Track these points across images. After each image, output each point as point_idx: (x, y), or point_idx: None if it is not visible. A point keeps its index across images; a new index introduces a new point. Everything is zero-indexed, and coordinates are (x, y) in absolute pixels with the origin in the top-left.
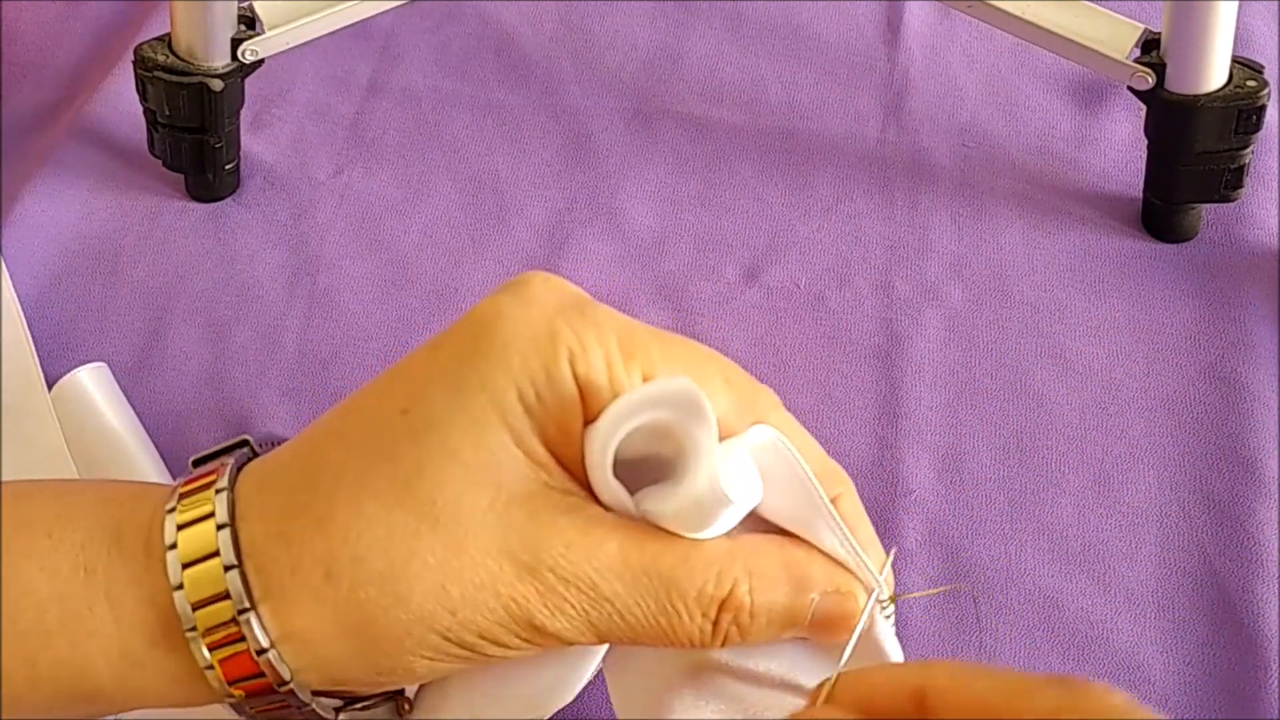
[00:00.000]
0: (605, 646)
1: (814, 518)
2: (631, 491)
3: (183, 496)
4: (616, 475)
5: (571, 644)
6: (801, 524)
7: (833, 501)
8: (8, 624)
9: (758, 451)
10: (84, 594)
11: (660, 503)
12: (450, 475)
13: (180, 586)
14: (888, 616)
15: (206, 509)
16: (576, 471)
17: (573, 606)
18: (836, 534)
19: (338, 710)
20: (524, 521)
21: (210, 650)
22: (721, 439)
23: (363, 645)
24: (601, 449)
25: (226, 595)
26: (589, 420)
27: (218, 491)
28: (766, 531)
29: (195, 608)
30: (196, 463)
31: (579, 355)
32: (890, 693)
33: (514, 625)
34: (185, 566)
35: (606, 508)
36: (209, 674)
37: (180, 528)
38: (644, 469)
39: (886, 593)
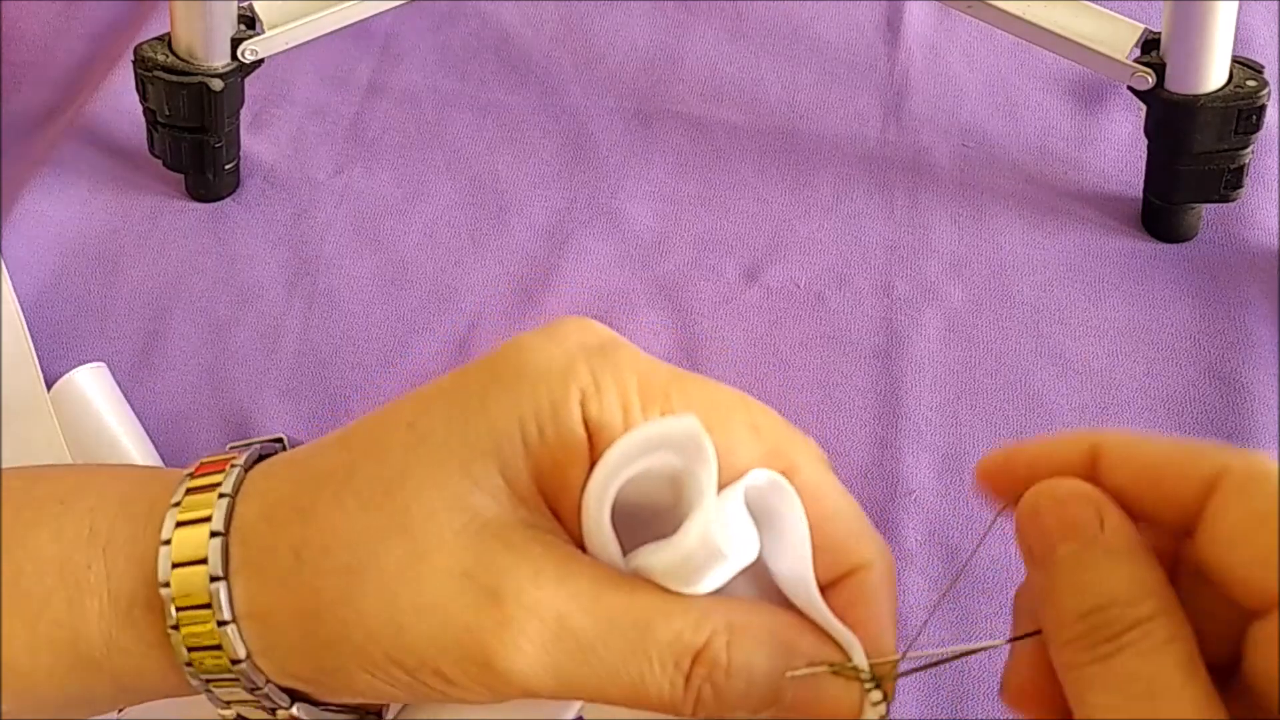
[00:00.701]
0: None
1: (804, 572)
2: (625, 552)
3: (202, 467)
4: (614, 529)
5: (527, 690)
6: (793, 576)
7: (856, 571)
8: (11, 585)
9: (760, 493)
10: (85, 553)
11: (650, 556)
12: (430, 490)
13: (168, 543)
14: (876, 705)
15: (217, 479)
16: (566, 516)
17: (532, 641)
18: (813, 598)
19: (293, 700)
20: (495, 548)
21: (178, 611)
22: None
23: (310, 638)
24: (599, 495)
25: (205, 561)
26: (595, 463)
27: (232, 466)
28: (758, 592)
29: (174, 566)
30: (232, 448)
31: (591, 396)
32: (1064, 453)
33: (463, 657)
34: (178, 526)
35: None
36: (173, 636)
37: (189, 492)
38: (642, 526)
39: (866, 669)
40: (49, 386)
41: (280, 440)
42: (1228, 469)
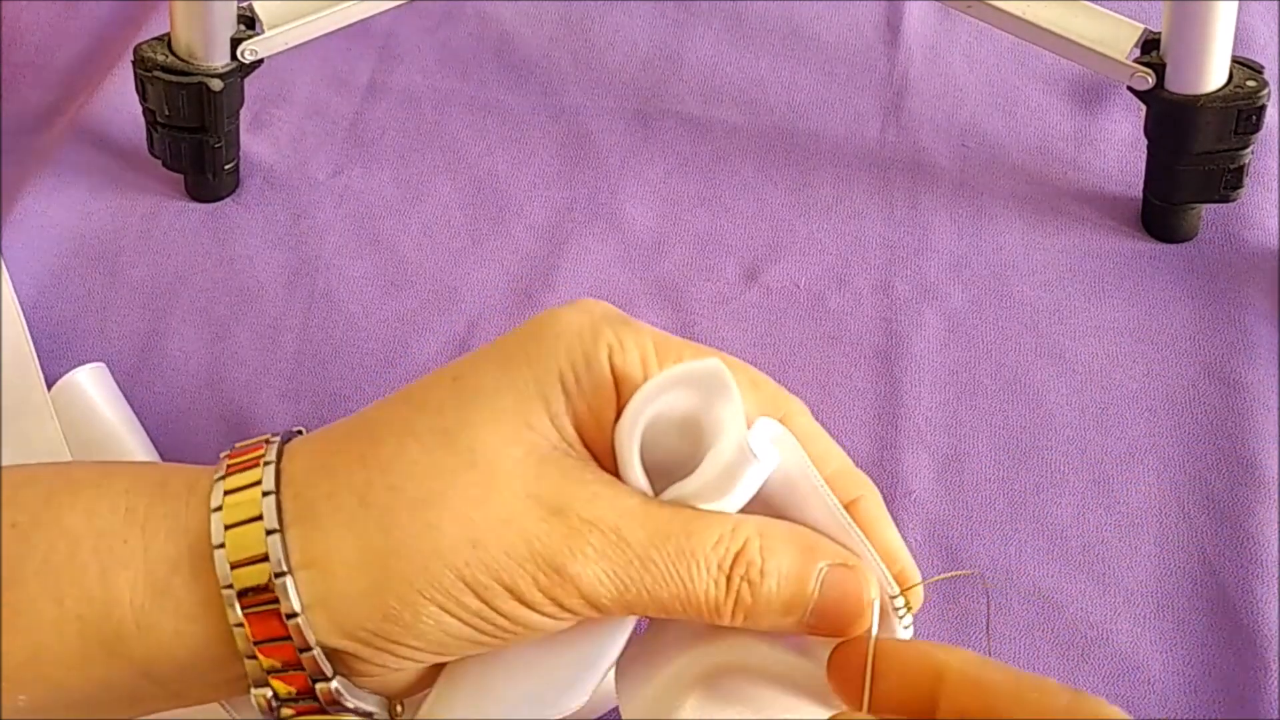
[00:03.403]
0: (618, 649)
1: (824, 510)
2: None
3: (237, 450)
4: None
5: (591, 598)
6: (815, 520)
7: (853, 503)
8: (43, 561)
9: (771, 441)
10: (121, 529)
11: (683, 486)
12: (491, 431)
13: (219, 509)
14: (906, 627)
15: (258, 454)
16: (603, 457)
17: (595, 549)
18: (843, 525)
19: (334, 674)
20: (555, 474)
21: (233, 568)
22: None
23: (379, 579)
24: (630, 428)
25: (259, 518)
26: (621, 410)
27: (269, 442)
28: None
29: (228, 528)
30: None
31: (617, 350)
32: (910, 671)
33: (535, 567)
34: (227, 493)
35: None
36: (226, 595)
37: (230, 469)
38: (665, 476)
39: (896, 588)
40: (49, 386)
41: (300, 433)
42: (1071, 710)
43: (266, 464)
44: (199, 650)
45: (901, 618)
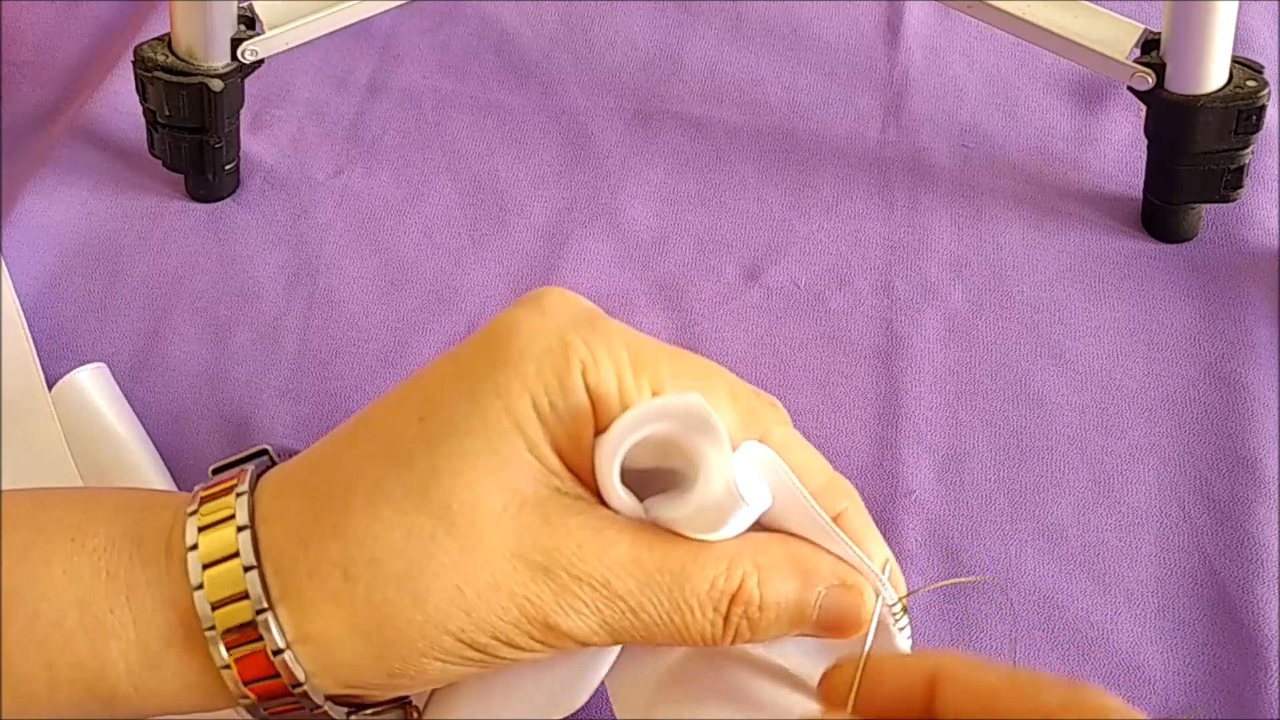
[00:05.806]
0: (616, 651)
1: (817, 530)
2: (640, 499)
3: (203, 501)
4: (625, 483)
5: (585, 644)
6: (805, 525)
7: (838, 516)
8: (26, 628)
9: (757, 466)
10: (105, 597)
11: (672, 509)
12: (465, 480)
13: (200, 587)
14: (902, 629)
15: (227, 512)
16: (587, 479)
17: (586, 605)
18: (837, 541)
19: (349, 713)
20: (537, 524)
21: (228, 649)
22: None
23: (378, 648)
24: (609, 458)
25: (245, 595)
26: (599, 430)
27: (238, 495)
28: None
29: (214, 607)
30: (215, 471)
31: (590, 367)
32: (904, 676)
33: (528, 625)
34: (205, 567)
35: (616, 513)
36: (225, 674)
37: (201, 530)
38: (653, 479)
39: (894, 596)
40: (49, 387)
41: (265, 451)
42: (1067, 707)
43: (241, 530)
44: (203, 703)
45: (898, 619)
